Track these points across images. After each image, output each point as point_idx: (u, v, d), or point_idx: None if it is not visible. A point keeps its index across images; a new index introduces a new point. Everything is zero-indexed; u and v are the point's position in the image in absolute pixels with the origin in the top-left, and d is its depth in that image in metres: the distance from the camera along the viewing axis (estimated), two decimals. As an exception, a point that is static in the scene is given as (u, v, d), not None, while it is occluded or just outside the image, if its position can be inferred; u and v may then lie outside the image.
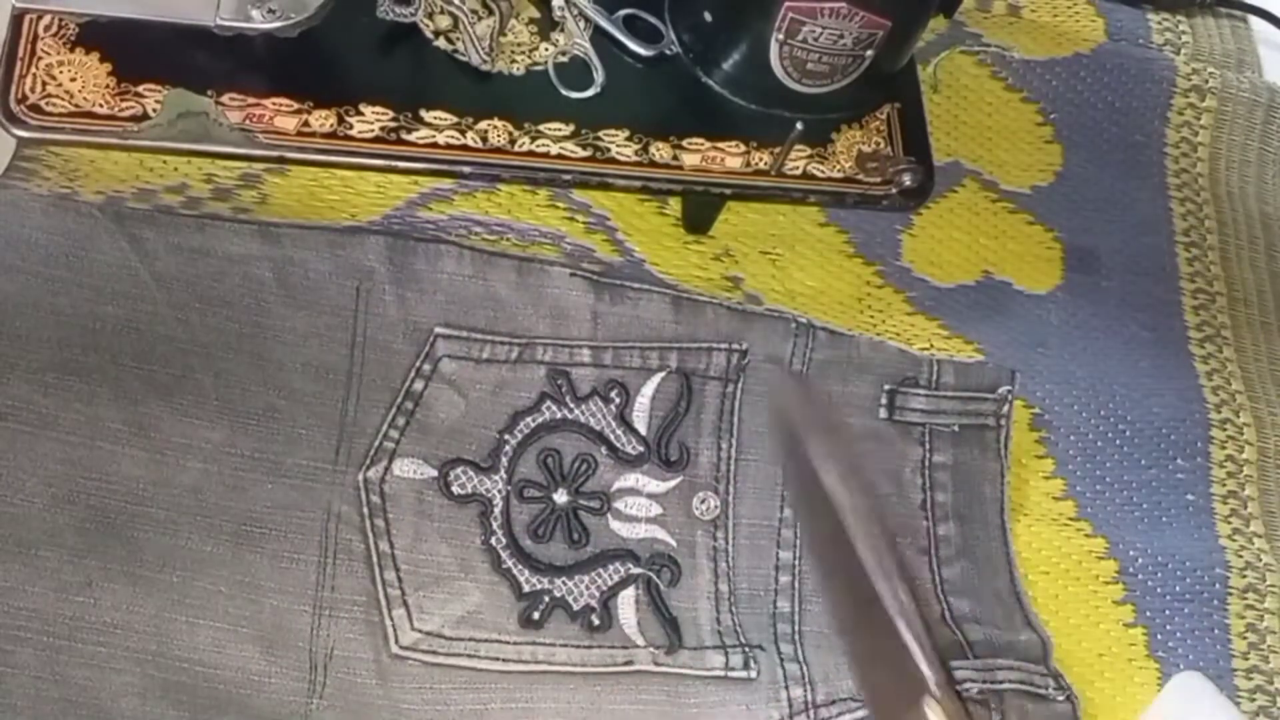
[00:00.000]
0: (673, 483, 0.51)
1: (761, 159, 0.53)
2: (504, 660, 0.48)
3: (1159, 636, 0.55)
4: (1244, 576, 0.56)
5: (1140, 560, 0.56)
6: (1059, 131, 0.65)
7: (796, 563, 0.51)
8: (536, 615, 0.48)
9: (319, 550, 0.48)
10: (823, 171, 0.54)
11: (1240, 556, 0.56)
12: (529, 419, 0.50)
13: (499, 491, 0.50)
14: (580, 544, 0.50)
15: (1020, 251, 0.61)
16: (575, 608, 0.49)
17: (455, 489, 0.49)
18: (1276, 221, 0.66)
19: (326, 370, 0.49)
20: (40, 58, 0.48)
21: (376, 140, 0.50)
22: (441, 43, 0.52)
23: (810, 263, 0.58)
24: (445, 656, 0.47)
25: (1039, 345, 0.59)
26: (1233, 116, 0.67)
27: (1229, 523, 0.58)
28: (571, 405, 0.51)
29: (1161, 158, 0.66)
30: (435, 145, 0.50)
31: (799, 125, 0.50)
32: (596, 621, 0.49)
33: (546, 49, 0.53)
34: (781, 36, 0.50)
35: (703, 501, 0.51)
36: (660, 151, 0.52)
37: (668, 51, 0.54)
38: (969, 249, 0.61)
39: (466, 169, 0.51)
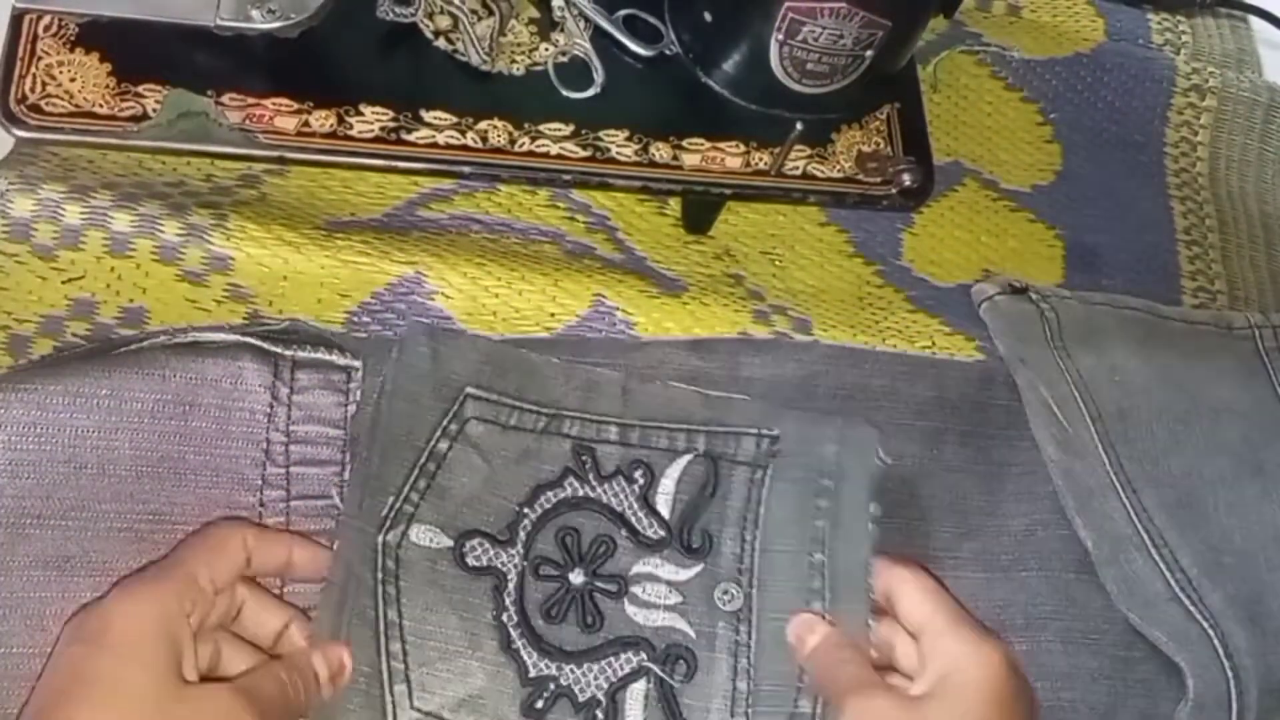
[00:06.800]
0: (693, 571, 0.48)
1: (761, 159, 0.53)
2: None
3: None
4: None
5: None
6: (1059, 131, 0.65)
7: None
8: (540, 704, 0.46)
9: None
10: (823, 171, 0.53)
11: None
12: (550, 493, 0.49)
13: (514, 566, 0.47)
14: (594, 628, 0.47)
15: (1021, 250, 0.61)
16: (581, 699, 0.46)
17: (470, 560, 0.47)
18: (1276, 220, 0.66)
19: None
20: (40, 58, 0.48)
21: (376, 140, 0.49)
22: (441, 43, 0.52)
23: (810, 262, 0.58)
24: None
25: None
26: (1232, 116, 0.67)
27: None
28: (594, 483, 0.49)
29: (1161, 157, 0.66)
30: (435, 145, 0.50)
31: (799, 125, 0.50)
32: (601, 716, 0.46)
33: (546, 49, 0.53)
34: (781, 37, 0.50)
35: (725, 593, 0.48)
36: (660, 152, 0.52)
37: (668, 51, 0.54)
38: (969, 248, 0.61)
39: (466, 169, 0.50)
